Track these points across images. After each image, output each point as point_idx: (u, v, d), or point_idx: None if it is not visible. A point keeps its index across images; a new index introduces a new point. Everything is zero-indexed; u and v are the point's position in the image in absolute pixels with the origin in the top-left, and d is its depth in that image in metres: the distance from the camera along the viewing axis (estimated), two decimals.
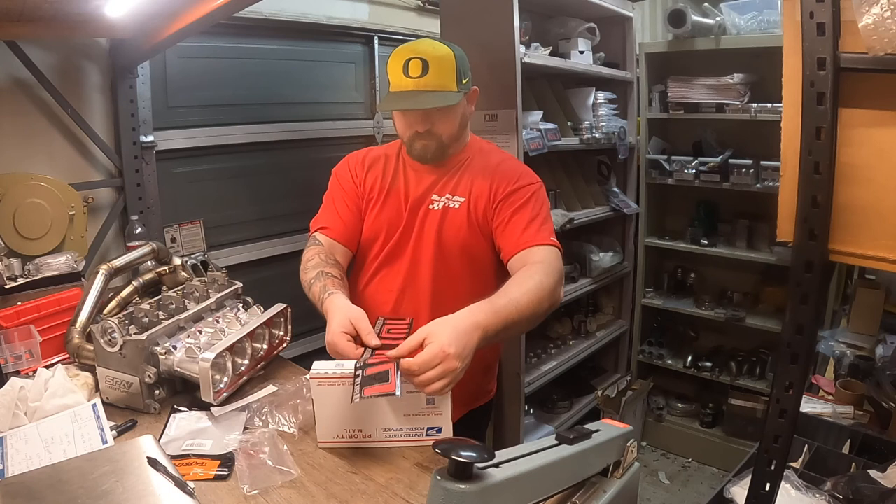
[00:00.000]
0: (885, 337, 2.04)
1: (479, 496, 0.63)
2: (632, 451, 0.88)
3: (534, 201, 1.35)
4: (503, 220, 1.34)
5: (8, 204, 1.71)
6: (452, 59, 1.28)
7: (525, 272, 1.21)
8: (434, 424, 1.07)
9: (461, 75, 1.29)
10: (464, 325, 1.02)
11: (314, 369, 1.05)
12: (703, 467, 2.98)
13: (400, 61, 1.27)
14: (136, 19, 1.68)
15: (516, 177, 1.38)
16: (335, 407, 1.05)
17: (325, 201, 1.47)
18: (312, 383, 1.05)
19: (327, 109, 2.58)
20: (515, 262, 1.30)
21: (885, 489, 1.26)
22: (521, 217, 1.33)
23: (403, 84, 1.27)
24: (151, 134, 2.04)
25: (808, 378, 1.92)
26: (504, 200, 1.35)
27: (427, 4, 2.85)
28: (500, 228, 1.35)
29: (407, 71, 1.26)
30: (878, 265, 0.88)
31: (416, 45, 1.31)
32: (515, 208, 1.33)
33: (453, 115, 1.34)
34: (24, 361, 1.30)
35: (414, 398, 1.04)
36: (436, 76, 1.26)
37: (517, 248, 1.30)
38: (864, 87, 0.83)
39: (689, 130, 3.02)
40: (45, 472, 0.90)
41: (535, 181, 1.39)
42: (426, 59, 1.25)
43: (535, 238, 1.29)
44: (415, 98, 1.27)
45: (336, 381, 1.04)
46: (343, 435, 1.08)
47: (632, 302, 3.15)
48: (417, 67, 1.25)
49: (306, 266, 1.34)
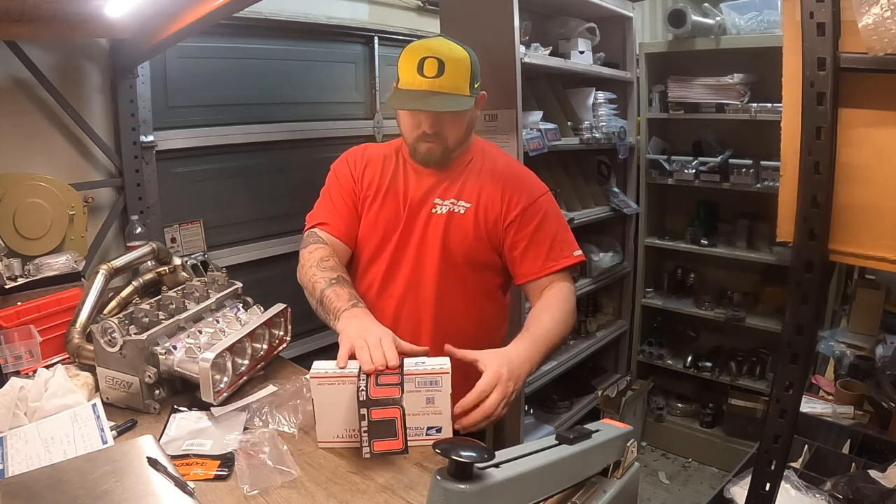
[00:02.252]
0: (885, 337, 2.04)
1: (479, 496, 0.63)
2: (632, 451, 0.88)
3: (550, 218, 1.35)
4: (520, 243, 1.33)
5: (8, 204, 1.71)
6: (468, 62, 1.25)
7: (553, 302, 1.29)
8: (434, 424, 1.06)
9: (474, 79, 1.26)
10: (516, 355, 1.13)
11: (314, 369, 1.05)
12: (703, 467, 2.98)
13: (414, 59, 1.22)
14: (136, 19, 1.68)
15: (528, 188, 1.36)
16: (335, 406, 1.05)
17: (321, 196, 1.43)
18: (312, 383, 1.04)
19: (327, 109, 2.58)
20: (533, 287, 1.35)
21: (885, 489, 1.26)
22: (540, 239, 1.33)
23: (417, 83, 1.22)
24: (151, 134, 2.04)
25: (808, 378, 1.92)
26: (520, 218, 1.33)
27: (427, 4, 2.85)
28: (516, 251, 1.34)
29: (422, 70, 1.21)
30: (878, 265, 0.88)
31: (433, 43, 1.26)
32: (533, 228, 1.33)
33: (462, 120, 1.30)
34: (24, 361, 1.30)
35: (413, 397, 1.03)
36: (451, 78, 1.22)
37: (536, 274, 1.33)
38: (864, 87, 0.83)
39: (689, 130, 3.02)
40: (45, 472, 0.90)
41: (544, 190, 1.39)
42: (443, 60, 1.21)
43: (555, 264, 1.33)
44: (427, 99, 1.22)
45: (336, 381, 1.03)
46: (343, 435, 1.07)
47: (632, 302, 3.15)
48: (433, 67, 1.20)
49: (307, 261, 1.30)
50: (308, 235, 1.38)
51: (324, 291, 1.22)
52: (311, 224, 1.39)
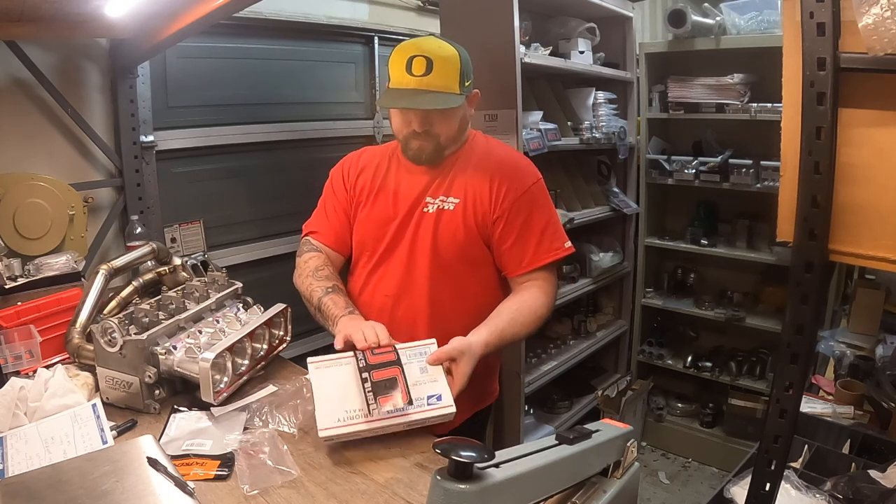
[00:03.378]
0: (885, 337, 2.04)
1: (479, 496, 0.63)
2: (632, 451, 0.88)
3: (538, 210, 1.35)
4: (508, 237, 1.34)
5: (8, 204, 1.71)
6: (457, 60, 1.26)
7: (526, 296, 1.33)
8: (433, 392, 1.10)
9: (464, 77, 1.27)
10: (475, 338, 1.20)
11: (311, 358, 1.11)
12: (703, 467, 2.98)
13: (403, 57, 1.24)
14: (136, 19, 1.68)
15: (518, 176, 1.36)
16: (334, 388, 1.07)
17: (318, 204, 1.49)
18: (311, 367, 1.07)
19: (327, 109, 2.58)
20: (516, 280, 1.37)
21: (885, 489, 1.26)
22: (527, 234, 1.34)
23: (405, 81, 1.24)
24: (151, 134, 2.04)
25: (808, 378, 1.92)
26: (508, 212, 1.33)
27: (427, 4, 2.85)
28: (504, 245, 1.35)
29: (410, 68, 1.23)
30: (878, 265, 0.88)
31: (421, 42, 1.27)
32: (521, 223, 1.33)
33: (453, 118, 1.31)
34: (24, 361, 1.30)
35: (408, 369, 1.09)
36: (439, 76, 1.23)
37: (523, 269, 1.35)
38: (864, 87, 0.83)
39: (689, 130, 3.02)
40: (45, 472, 0.90)
41: (535, 177, 1.38)
42: (431, 58, 1.22)
43: (540, 260, 1.35)
44: (416, 97, 1.24)
45: (333, 363, 1.08)
46: (344, 418, 1.06)
47: (632, 302, 3.15)
48: (421, 66, 1.22)
49: (303, 270, 1.37)
50: (303, 243, 1.46)
51: (321, 300, 1.30)
52: (305, 232, 1.48)
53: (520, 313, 1.30)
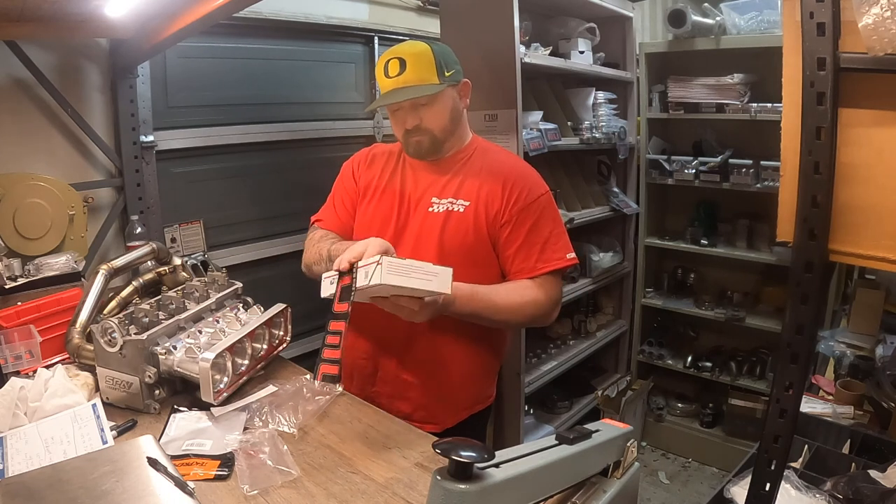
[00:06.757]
0: (885, 337, 2.04)
1: (479, 496, 0.63)
2: (632, 451, 0.88)
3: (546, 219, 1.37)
4: (514, 242, 1.35)
5: (8, 204, 1.71)
6: (429, 52, 1.31)
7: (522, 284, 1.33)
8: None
9: (442, 68, 1.31)
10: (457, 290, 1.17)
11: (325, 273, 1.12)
12: (703, 467, 2.98)
13: (382, 64, 1.33)
14: (136, 19, 1.68)
15: (529, 184, 1.38)
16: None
17: (328, 197, 1.54)
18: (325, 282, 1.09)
19: (327, 109, 2.58)
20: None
21: (885, 489, 1.26)
22: (533, 240, 1.35)
23: (385, 84, 1.32)
24: (151, 134, 2.04)
25: (808, 378, 1.92)
26: (517, 216, 1.35)
27: (427, 4, 2.85)
28: (510, 249, 1.36)
29: (387, 72, 1.31)
30: (878, 265, 0.88)
31: (397, 47, 1.35)
32: (528, 228, 1.35)
33: (441, 108, 1.34)
34: (24, 361, 1.30)
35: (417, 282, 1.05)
36: (413, 72, 1.29)
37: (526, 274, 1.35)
38: (864, 87, 0.83)
39: (689, 130, 3.02)
40: (45, 472, 0.90)
41: (545, 189, 1.40)
42: (402, 58, 1.30)
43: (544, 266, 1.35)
44: (394, 94, 1.30)
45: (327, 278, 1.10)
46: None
47: (632, 302, 3.15)
48: (395, 66, 1.30)
49: (310, 242, 1.42)
50: (310, 230, 1.52)
51: (329, 249, 1.32)
52: (312, 221, 1.53)
53: (504, 288, 1.32)
